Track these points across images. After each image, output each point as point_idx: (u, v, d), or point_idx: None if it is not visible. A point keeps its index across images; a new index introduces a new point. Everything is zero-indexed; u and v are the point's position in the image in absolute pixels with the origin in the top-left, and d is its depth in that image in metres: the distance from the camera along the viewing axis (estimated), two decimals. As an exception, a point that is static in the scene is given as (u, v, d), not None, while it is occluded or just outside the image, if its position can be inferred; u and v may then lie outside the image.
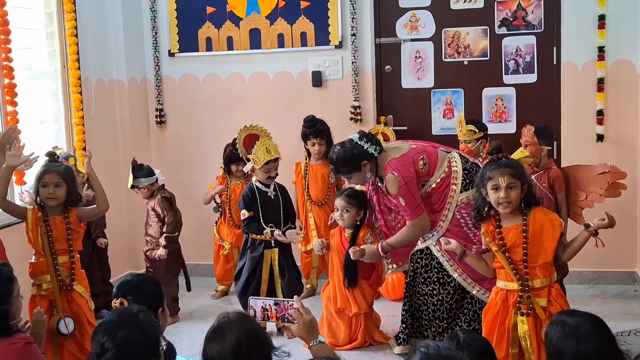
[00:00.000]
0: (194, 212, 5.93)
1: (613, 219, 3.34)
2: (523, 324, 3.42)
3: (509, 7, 5.58)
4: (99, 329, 2.38)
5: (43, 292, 3.90)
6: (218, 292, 5.70)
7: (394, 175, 4.11)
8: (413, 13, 5.75)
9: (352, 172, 4.28)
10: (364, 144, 4.21)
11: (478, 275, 4.11)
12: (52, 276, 3.88)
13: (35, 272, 3.93)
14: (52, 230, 3.91)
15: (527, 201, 3.46)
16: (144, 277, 3.14)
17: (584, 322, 2.42)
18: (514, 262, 3.42)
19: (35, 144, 4.91)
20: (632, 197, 5.28)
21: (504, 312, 3.51)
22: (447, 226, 4.18)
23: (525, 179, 3.49)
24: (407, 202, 4.12)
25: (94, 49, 5.59)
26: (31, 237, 3.92)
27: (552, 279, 3.44)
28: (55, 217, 3.94)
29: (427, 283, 4.25)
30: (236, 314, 2.41)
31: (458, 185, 4.16)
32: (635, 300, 5.21)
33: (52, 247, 3.90)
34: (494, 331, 3.52)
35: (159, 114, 6.17)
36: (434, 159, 4.22)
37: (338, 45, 5.77)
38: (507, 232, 3.44)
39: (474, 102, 5.70)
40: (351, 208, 4.43)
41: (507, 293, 3.49)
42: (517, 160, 3.83)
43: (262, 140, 4.68)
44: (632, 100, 5.34)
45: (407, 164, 4.14)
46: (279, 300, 2.77)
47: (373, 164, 4.25)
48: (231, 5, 5.93)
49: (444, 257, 4.18)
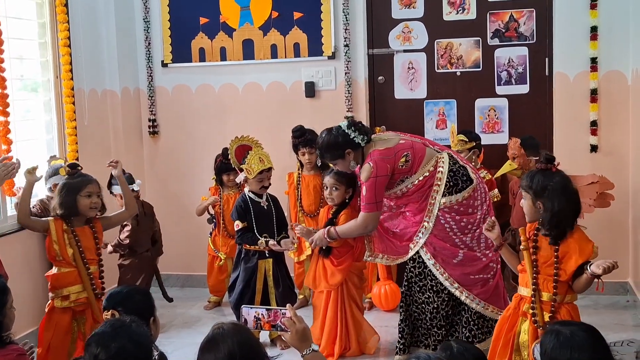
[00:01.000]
0: (187, 223, 5.91)
1: (611, 269, 3.23)
2: (524, 334, 3.41)
3: (501, 19, 5.61)
4: (92, 340, 2.37)
5: (71, 303, 3.90)
6: (210, 303, 5.69)
7: (370, 166, 4.14)
8: (406, 24, 5.77)
9: (335, 159, 4.32)
10: (351, 132, 4.23)
11: (468, 281, 4.12)
12: (87, 285, 3.93)
13: (62, 284, 3.93)
14: (81, 240, 3.96)
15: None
16: (134, 288, 3.13)
17: (578, 331, 2.42)
18: (538, 268, 3.38)
19: (27, 155, 4.93)
20: (624, 208, 5.30)
21: (514, 318, 3.51)
22: (432, 228, 4.16)
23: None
24: (368, 194, 4.15)
25: (87, 59, 5.58)
26: (56, 248, 3.93)
27: (564, 298, 3.38)
28: (82, 227, 4.01)
29: (423, 291, 4.25)
30: (231, 325, 2.40)
31: (441, 187, 4.15)
32: (627, 310, 5.22)
33: (84, 257, 3.94)
34: (501, 336, 3.52)
35: (152, 125, 6.17)
36: (419, 156, 4.21)
37: (331, 56, 5.79)
38: (542, 239, 3.40)
39: (466, 112, 5.72)
40: (340, 186, 4.46)
41: (521, 300, 3.48)
42: None
43: (255, 150, 4.68)
44: (624, 111, 5.36)
45: (387, 159, 4.15)
46: (272, 309, 2.76)
47: (359, 153, 4.27)
48: (224, 16, 5.95)
49: (431, 261, 4.17)
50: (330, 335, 4.55)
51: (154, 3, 6.06)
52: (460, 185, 4.16)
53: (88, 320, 3.92)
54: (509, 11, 5.60)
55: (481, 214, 4.15)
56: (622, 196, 5.04)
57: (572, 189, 3.40)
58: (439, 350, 2.61)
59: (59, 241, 3.93)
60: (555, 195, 3.32)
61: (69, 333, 3.92)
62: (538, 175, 3.41)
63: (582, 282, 3.31)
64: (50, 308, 3.96)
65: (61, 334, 3.89)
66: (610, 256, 5.14)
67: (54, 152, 5.33)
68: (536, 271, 3.39)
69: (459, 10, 5.67)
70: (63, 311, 3.91)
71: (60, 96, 5.34)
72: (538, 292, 3.38)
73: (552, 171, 3.42)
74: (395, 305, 5.35)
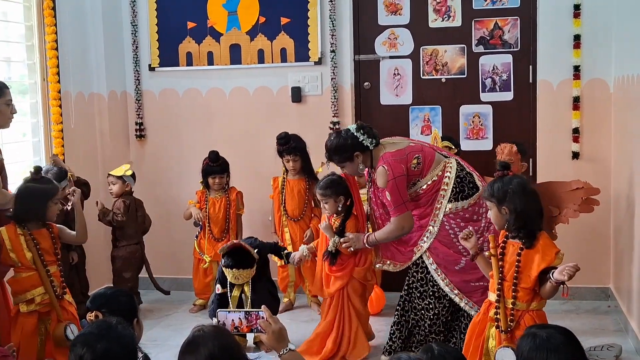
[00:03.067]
0: (173, 226, 5.93)
1: (574, 271, 3.26)
2: (492, 339, 3.47)
3: (486, 26, 5.67)
4: (78, 341, 2.39)
5: (36, 306, 3.85)
6: (196, 306, 5.70)
7: (384, 169, 4.14)
8: (392, 31, 5.82)
9: (344, 162, 4.33)
10: (360, 135, 4.25)
11: (468, 288, 4.14)
12: (48, 286, 3.86)
13: (25, 287, 3.85)
14: (39, 242, 3.89)
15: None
16: (118, 289, 3.15)
17: (555, 334, 2.46)
18: (504, 274, 3.45)
19: (14, 158, 4.94)
20: (605, 214, 5.36)
21: (483, 323, 3.57)
22: (436, 233, 4.18)
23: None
24: (393, 198, 4.14)
25: (75, 62, 5.59)
26: (13, 257, 3.85)
27: (530, 305, 3.42)
28: (39, 230, 3.93)
29: (424, 297, 4.26)
30: (211, 328, 2.43)
31: (447, 192, 4.18)
32: (608, 315, 5.27)
33: (43, 259, 3.88)
34: (472, 341, 3.57)
35: (139, 128, 6.18)
36: (429, 160, 4.24)
37: (317, 62, 5.82)
38: (509, 245, 3.47)
39: (451, 119, 5.77)
40: (328, 199, 4.48)
41: (490, 305, 3.53)
42: None
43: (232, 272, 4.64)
44: (606, 119, 5.43)
45: (400, 159, 4.16)
46: (248, 312, 2.78)
47: (367, 156, 4.29)
48: (212, 20, 5.98)
49: (433, 266, 4.20)
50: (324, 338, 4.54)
51: (141, 7, 6.08)
52: (466, 192, 4.19)
53: (53, 321, 3.87)
54: (493, 19, 5.65)
55: (485, 222, 4.14)
56: (603, 203, 5.06)
57: (531, 189, 3.52)
58: (420, 352, 2.64)
59: (15, 248, 3.84)
60: (516, 196, 3.43)
61: (36, 335, 3.86)
62: (497, 183, 3.52)
63: (547, 289, 3.37)
64: (14, 313, 3.89)
65: (28, 337, 3.83)
66: (591, 262, 5.28)
67: (40, 155, 5.34)
68: (502, 277, 3.45)
69: (445, 18, 5.72)
70: (29, 314, 3.84)
71: (47, 99, 5.36)
72: (503, 298, 3.44)
73: (510, 176, 3.53)
74: (379, 309, 5.38)
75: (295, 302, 5.66)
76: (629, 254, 4.78)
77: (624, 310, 4.98)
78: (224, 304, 4.67)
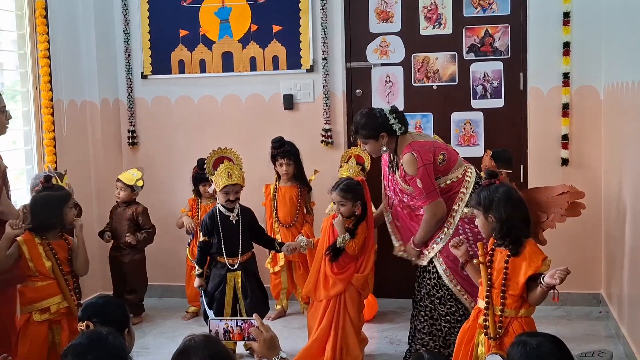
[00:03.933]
0: (166, 234, 5.93)
1: (565, 275, 3.28)
2: (482, 346, 3.49)
3: (476, 34, 5.71)
4: (68, 352, 2.38)
5: (50, 315, 3.86)
6: (189, 314, 5.70)
7: (413, 156, 4.13)
8: (383, 38, 5.85)
9: (368, 139, 4.31)
10: (392, 118, 4.27)
11: (476, 293, 4.15)
12: (68, 295, 3.89)
13: (42, 296, 3.87)
14: (57, 252, 3.93)
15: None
16: (109, 299, 3.14)
17: (544, 342, 2.49)
18: (492, 281, 3.48)
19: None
20: (596, 220, 5.39)
21: (473, 329, 3.58)
22: (450, 235, 4.17)
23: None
24: (424, 184, 4.12)
25: (67, 70, 5.60)
26: (31, 266, 3.86)
27: (518, 312, 3.44)
28: (57, 240, 3.96)
29: (443, 303, 4.25)
30: (202, 337, 2.43)
31: (466, 195, 4.19)
32: (600, 321, 5.29)
33: (61, 268, 3.92)
34: (461, 347, 3.59)
35: (131, 136, 6.19)
36: (453, 159, 4.26)
37: (309, 69, 5.85)
38: (497, 253, 3.50)
39: (442, 126, 5.79)
40: (347, 202, 4.43)
41: (479, 312, 3.55)
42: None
43: (226, 164, 4.62)
44: (596, 126, 5.46)
45: (428, 149, 4.17)
46: (240, 320, 2.79)
47: (393, 140, 4.28)
48: (204, 28, 6.00)
49: (442, 266, 4.20)
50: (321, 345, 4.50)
51: (134, 15, 6.10)
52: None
53: (64, 329, 3.88)
54: (484, 26, 5.69)
55: None
56: (594, 208, 5.12)
57: (517, 197, 3.55)
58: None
59: (33, 257, 3.86)
60: (501, 204, 3.47)
61: (46, 343, 3.88)
62: (484, 191, 3.56)
63: (537, 294, 3.39)
64: (24, 321, 3.89)
65: (38, 346, 3.84)
66: (583, 268, 5.31)
67: (33, 163, 5.33)
68: (490, 284, 3.48)
69: (436, 25, 5.75)
70: (39, 324, 3.85)
71: (39, 107, 5.36)
72: (491, 305, 3.46)
73: (496, 184, 3.57)
74: (371, 317, 5.39)
75: (288, 309, 5.67)
76: (620, 260, 4.80)
77: (615, 316, 5.00)
78: (203, 257, 4.65)
